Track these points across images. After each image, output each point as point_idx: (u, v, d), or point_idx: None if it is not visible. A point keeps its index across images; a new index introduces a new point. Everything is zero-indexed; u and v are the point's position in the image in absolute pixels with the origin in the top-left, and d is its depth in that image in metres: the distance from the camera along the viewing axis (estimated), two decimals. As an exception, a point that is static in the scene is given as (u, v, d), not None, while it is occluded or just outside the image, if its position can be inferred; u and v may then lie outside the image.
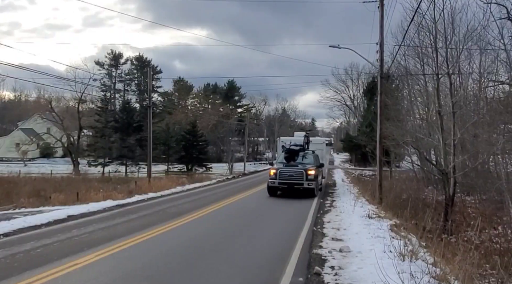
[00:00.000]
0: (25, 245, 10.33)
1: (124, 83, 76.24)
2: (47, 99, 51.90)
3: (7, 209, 16.66)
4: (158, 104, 65.99)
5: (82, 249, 9.59)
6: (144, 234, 11.25)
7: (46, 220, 13.50)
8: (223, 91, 75.83)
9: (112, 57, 74.15)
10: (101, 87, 65.60)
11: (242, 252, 9.70)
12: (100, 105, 57.26)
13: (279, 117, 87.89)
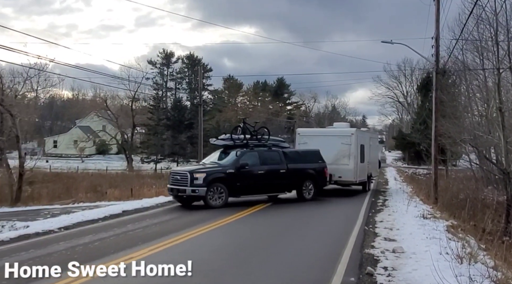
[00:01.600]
0: (84, 238, 10.76)
1: (175, 82, 77.93)
2: (103, 98, 53.89)
3: (67, 203, 17.45)
4: (208, 102, 66.92)
5: (137, 243, 9.86)
6: (196, 230, 11.41)
7: (103, 215, 14.00)
8: (273, 88, 75.84)
9: (164, 56, 75.96)
10: (154, 86, 67.30)
11: (292, 250, 9.64)
12: (153, 103, 58.84)
13: (329, 114, 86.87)
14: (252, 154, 16.78)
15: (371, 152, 22.95)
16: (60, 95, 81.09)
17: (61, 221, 12.95)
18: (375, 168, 23.95)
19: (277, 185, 16.94)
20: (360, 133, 22.28)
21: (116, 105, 55.70)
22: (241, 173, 16.03)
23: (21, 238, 10.99)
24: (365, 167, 21.41)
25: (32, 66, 26.02)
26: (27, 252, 9.49)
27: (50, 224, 12.62)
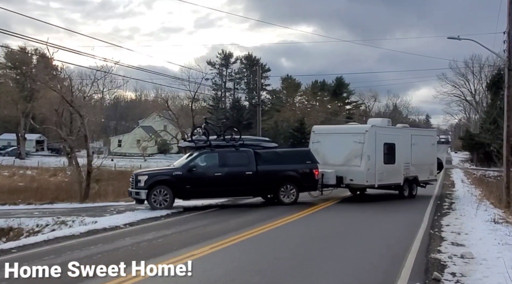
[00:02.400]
0: (148, 234, 11.11)
1: (234, 82, 78.95)
2: (164, 98, 55.45)
3: (131, 200, 18.03)
4: (266, 102, 67.23)
5: (198, 241, 10.04)
6: (255, 229, 11.44)
7: (165, 212, 14.39)
8: (331, 88, 74.92)
9: (222, 57, 77.21)
10: (213, 86, 68.56)
11: (354, 251, 9.43)
12: (212, 103, 60.00)
13: (390, 114, 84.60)
14: (210, 156, 15.88)
15: (420, 152, 19.39)
16: (124, 96, 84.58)
17: (126, 218, 13.48)
18: (429, 170, 20.22)
19: (240, 188, 15.74)
20: (382, 130, 18.63)
21: (176, 106, 57.13)
22: (191, 176, 15.29)
23: (90, 232, 11.53)
24: (395, 169, 18.27)
25: (99, 69, 27.21)
26: (96, 246, 9.93)
27: (116, 220, 13.16)
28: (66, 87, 31.83)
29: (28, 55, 55.14)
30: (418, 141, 19.75)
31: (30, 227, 14.10)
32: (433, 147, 21.03)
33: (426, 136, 21.32)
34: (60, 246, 9.98)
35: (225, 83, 77.66)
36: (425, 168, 19.93)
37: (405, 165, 18.73)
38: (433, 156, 20.65)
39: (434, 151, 20.95)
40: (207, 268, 7.85)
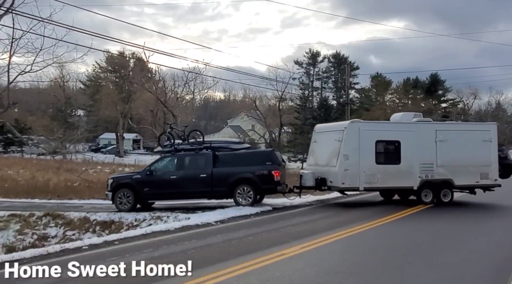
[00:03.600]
0: (238, 232, 11.31)
1: (321, 81, 78.13)
2: (252, 98, 56.41)
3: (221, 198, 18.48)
4: (355, 101, 65.75)
5: (288, 240, 10.01)
6: (346, 230, 11.16)
7: (255, 211, 14.58)
8: (425, 85, 71.25)
9: (310, 56, 76.69)
10: (300, 86, 68.33)
11: (454, 259, 8.83)
12: (299, 103, 59.76)
13: (492, 112, 78.78)
14: (169, 160, 16.11)
15: (457, 151, 16.18)
16: (213, 96, 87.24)
17: (217, 215, 13.83)
18: (479, 173, 16.47)
19: (195, 190, 15.63)
20: (371, 126, 17.12)
21: (264, 105, 57.85)
22: (150, 179, 15.67)
23: (184, 228, 11.99)
24: (401, 170, 16.07)
25: (191, 71, 28.29)
26: (189, 241, 10.30)
27: (207, 217, 13.55)
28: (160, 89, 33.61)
29: (126, 59, 58.87)
30: (450, 137, 16.44)
31: (129, 221, 15.01)
32: (488, 144, 16.70)
33: (470, 132, 17.28)
34: (157, 240, 10.48)
35: (312, 82, 77.09)
36: (470, 170, 16.45)
37: (423, 166, 16.14)
38: (487, 155, 16.59)
39: (490, 149, 16.68)
40: (298, 268, 7.79)
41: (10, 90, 15.39)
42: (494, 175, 16.61)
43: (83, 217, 15.35)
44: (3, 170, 28.18)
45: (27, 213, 15.72)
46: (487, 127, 17.71)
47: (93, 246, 9.94)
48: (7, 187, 22.69)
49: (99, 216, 15.35)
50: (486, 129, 17.24)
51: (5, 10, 14.69)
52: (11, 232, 14.58)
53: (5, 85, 16.45)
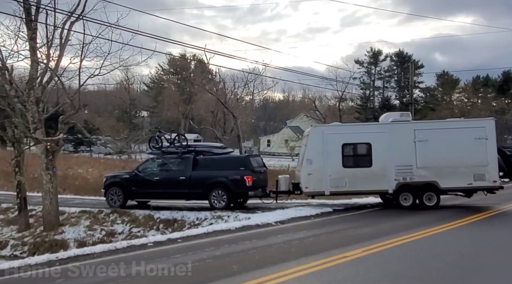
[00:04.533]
0: (299, 233, 11.25)
1: (383, 80, 76.23)
2: (311, 98, 55.96)
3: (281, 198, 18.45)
4: (419, 101, 63.56)
5: (349, 242, 9.82)
6: (410, 235, 10.75)
7: (315, 212, 14.46)
8: (497, 83, 67.59)
9: (371, 55, 75.09)
10: (360, 86, 67.06)
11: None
12: (360, 103, 58.74)
13: None
14: (155, 162, 17.08)
15: (441, 151, 14.97)
16: (272, 97, 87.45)
17: (277, 215, 13.83)
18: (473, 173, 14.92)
19: (174, 191, 16.32)
20: (336, 129, 16.49)
21: (323, 106, 57.25)
22: (136, 179, 16.63)
23: (245, 228, 12.10)
24: (373, 173, 15.32)
25: (251, 72, 28.49)
26: (250, 241, 10.36)
27: (267, 217, 13.59)
28: (220, 90, 34.12)
29: (187, 61, 60.34)
30: (433, 136, 15.26)
31: (191, 220, 15.36)
32: (483, 142, 14.94)
33: (458, 129, 15.55)
34: (218, 239, 10.64)
35: (374, 82, 75.39)
36: (460, 171, 15.03)
37: (400, 168, 15.25)
38: (483, 155, 14.88)
39: (486, 147, 14.90)
40: (360, 271, 7.61)
41: (80, 92, 16.15)
42: (492, 176, 14.92)
43: (147, 214, 15.88)
44: (73, 169, 29.80)
45: (96, 209, 16.50)
46: (482, 123, 15.73)
47: (157, 243, 10.25)
48: (78, 184, 23.98)
49: (163, 214, 15.81)
50: (481, 126, 15.39)
51: (77, 17, 15.44)
52: (82, 228, 15.34)
53: (76, 88, 17.33)
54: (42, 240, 14.71)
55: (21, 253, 14.34)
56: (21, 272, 7.96)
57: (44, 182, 15.45)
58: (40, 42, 15.72)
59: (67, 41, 15.96)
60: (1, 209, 17.27)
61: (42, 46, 15.78)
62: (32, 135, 15.29)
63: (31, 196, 17.49)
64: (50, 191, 15.40)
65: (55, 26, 15.70)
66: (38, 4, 15.43)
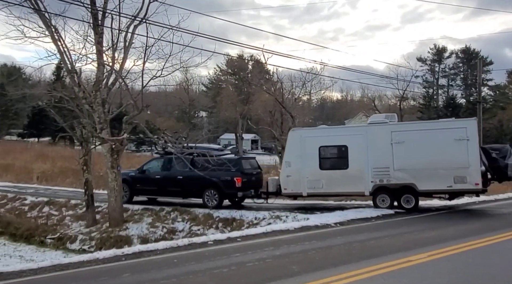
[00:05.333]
0: (359, 235, 10.97)
1: (448, 78, 73.20)
2: (370, 98, 54.77)
3: (340, 199, 18.16)
4: (488, 99, 60.40)
5: (413, 246, 9.45)
6: (479, 240, 10.15)
7: (376, 214, 14.06)
8: None
9: (435, 52, 72.31)
10: (423, 84, 64.71)
11: None
12: (423, 102, 56.61)
13: None
14: (158, 161, 18.16)
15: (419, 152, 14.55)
16: (330, 96, 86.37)
17: (336, 217, 13.59)
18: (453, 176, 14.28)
19: (172, 189, 17.27)
20: (314, 132, 16.70)
21: (383, 105, 55.83)
22: (141, 177, 17.78)
23: (303, 229, 11.97)
24: (350, 175, 15.27)
25: (309, 71, 28.25)
26: (309, 242, 10.23)
27: (326, 218, 13.38)
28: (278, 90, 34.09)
29: (245, 62, 60.83)
30: (410, 138, 14.87)
31: (250, 219, 15.44)
32: (464, 144, 14.20)
33: (437, 130, 14.98)
34: (277, 239, 10.59)
35: (438, 80, 72.54)
36: (439, 173, 14.42)
37: (376, 170, 15.05)
38: (463, 156, 14.14)
39: (466, 149, 14.14)
40: (427, 276, 7.27)
41: (143, 94, 16.70)
42: (474, 178, 14.11)
43: (207, 213, 16.14)
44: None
45: (158, 207, 16.96)
46: (463, 124, 14.95)
47: (217, 241, 10.36)
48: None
49: (222, 213, 16.01)
50: (461, 126, 14.62)
51: (140, 21, 15.97)
52: (145, 225, 15.85)
53: (138, 89, 17.94)
54: (108, 236, 15.35)
55: (89, 248, 15.05)
56: (90, 265, 8.31)
57: (109, 180, 16.11)
58: (106, 45, 16.45)
59: (130, 44, 16.58)
60: (70, 205, 18.15)
61: (108, 49, 16.49)
62: (99, 135, 15.99)
63: (97, 193, 18.45)
64: (115, 189, 16.03)
65: (119, 30, 16.36)
66: (104, 9, 16.11)
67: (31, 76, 68.33)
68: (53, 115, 18.78)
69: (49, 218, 17.44)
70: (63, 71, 53.28)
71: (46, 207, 18.38)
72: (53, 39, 15.74)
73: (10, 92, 38.14)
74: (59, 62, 28.70)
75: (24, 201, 19.26)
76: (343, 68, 71.81)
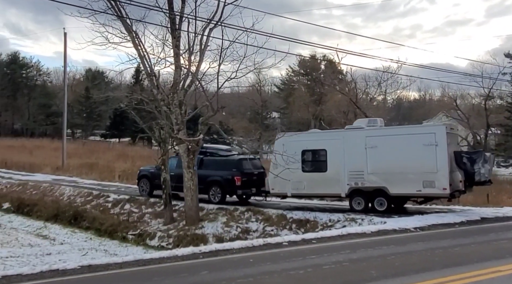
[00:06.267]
0: (441, 241, 10.43)
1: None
2: (452, 97, 51.93)
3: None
4: None
5: (504, 255, 8.84)
6: None
7: (459, 220, 13.34)
8: None
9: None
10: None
11: None
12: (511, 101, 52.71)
13: None
14: (173, 160, 18.84)
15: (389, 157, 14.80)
16: (407, 96, 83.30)
17: (416, 221, 13.02)
18: (422, 180, 14.35)
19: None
20: (296, 137, 17.07)
21: (466, 105, 52.87)
22: (158, 173, 18.41)
23: (380, 232, 11.58)
24: (328, 178, 15.97)
25: (385, 70, 27.37)
26: (388, 246, 9.87)
27: (405, 222, 12.85)
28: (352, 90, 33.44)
29: (317, 62, 60.25)
30: (381, 143, 15.28)
31: (324, 221, 15.20)
32: (433, 149, 14.24)
33: (406, 136, 15.30)
34: (353, 242, 10.32)
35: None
36: (409, 178, 14.63)
37: (352, 173, 15.69)
38: (432, 161, 14.19)
39: (435, 154, 14.17)
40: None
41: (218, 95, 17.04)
42: (442, 183, 14.16)
43: (280, 214, 16.11)
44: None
45: (232, 207, 17.20)
46: (432, 129, 15.26)
47: (292, 242, 10.28)
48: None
49: (295, 214, 15.91)
50: (430, 132, 14.86)
51: (215, 24, 16.30)
52: (219, 224, 16.12)
53: (212, 91, 18.33)
54: (185, 234, 15.80)
55: (167, 244, 15.57)
56: (170, 261, 8.56)
57: (185, 180, 16.56)
58: (183, 49, 16.96)
59: (206, 46, 16.96)
60: (149, 203, 18.89)
61: (184, 52, 16.99)
62: (176, 136, 16.49)
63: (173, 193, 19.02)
64: (191, 188, 16.46)
65: (195, 33, 16.81)
66: (181, 14, 16.62)
67: (113, 80, 72.47)
68: (133, 117, 19.65)
69: (130, 215, 18.26)
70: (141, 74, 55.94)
71: (127, 204, 19.25)
72: (134, 44, 16.48)
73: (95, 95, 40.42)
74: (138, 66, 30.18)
75: (108, 198, 20.31)
76: (421, 66, 68.45)
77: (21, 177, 27.62)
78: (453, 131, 16.01)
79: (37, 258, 13.92)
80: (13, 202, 22.37)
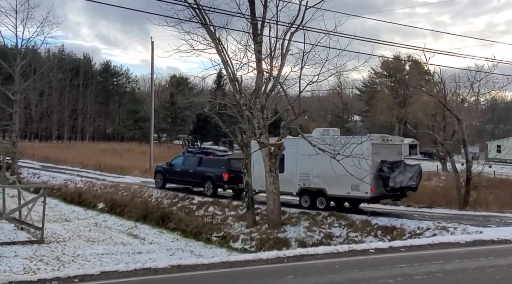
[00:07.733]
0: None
1: None
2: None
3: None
4: None
5: None
6: None
7: None
8: None
9: None
10: None
11: None
12: None
13: None
14: (180, 158, 23.34)
15: (330, 163, 15.87)
16: (503, 97, 77.71)
17: (501, 233, 11.96)
18: (351, 184, 16.41)
19: (187, 180, 22.37)
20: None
21: None
22: (169, 169, 23.26)
23: (476, 243, 10.79)
24: (284, 178, 17.73)
25: (479, 70, 25.60)
26: (486, 258, 9.17)
27: (505, 233, 11.92)
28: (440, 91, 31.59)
29: (402, 63, 58.11)
30: None
31: (412, 229, 14.52)
32: (360, 157, 15.60)
33: (343, 145, 16.25)
34: (446, 252, 9.68)
35: None
36: (342, 181, 16.67)
37: (301, 175, 18.26)
38: (358, 168, 15.53)
39: (366, 162, 15.74)
40: None
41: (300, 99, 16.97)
42: (365, 187, 16.32)
43: (364, 220, 15.67)
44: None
45: (314, 212, 16.99)
46: (360, 140, 16.61)
47: (379, 250, 9.86)
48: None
49: (380, 221, 15.41)
50: (358, 142, 16.32)
51: (296, 27, 16.24)
52: (302, 228, 16.00)
53: (293, 95, 18.26)
54: (267, 237, 15.85)
55: (249, 247, 15.72)
56: (255, 264, 8.55)
57: (267, 183, 16.62)
58: (265, 53, 17.07)
59: (287, 51, 16.94)
60: (232, 206, 19.21)
61: (266, 57, 17.10)
62: (258, 140, 16.62)
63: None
64: (273, 192, 16.50)
65: (277, 38, 16.85)
66: (263, 19, 16.75)
67: (196, 86, 75.05)
68: (216, 121, 20.11)
69: (214, 217, 18.67)
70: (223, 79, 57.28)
71: (211, 207, 19.70)
72: (217, 50, 16.87)
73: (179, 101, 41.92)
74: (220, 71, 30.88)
75: (192, 201, 20.93)
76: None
77: (113, 179, 29.32)
78: (388, 143, 17.69)
79: (129, 256, 14.68)
80: (107, 202, 23.78)
